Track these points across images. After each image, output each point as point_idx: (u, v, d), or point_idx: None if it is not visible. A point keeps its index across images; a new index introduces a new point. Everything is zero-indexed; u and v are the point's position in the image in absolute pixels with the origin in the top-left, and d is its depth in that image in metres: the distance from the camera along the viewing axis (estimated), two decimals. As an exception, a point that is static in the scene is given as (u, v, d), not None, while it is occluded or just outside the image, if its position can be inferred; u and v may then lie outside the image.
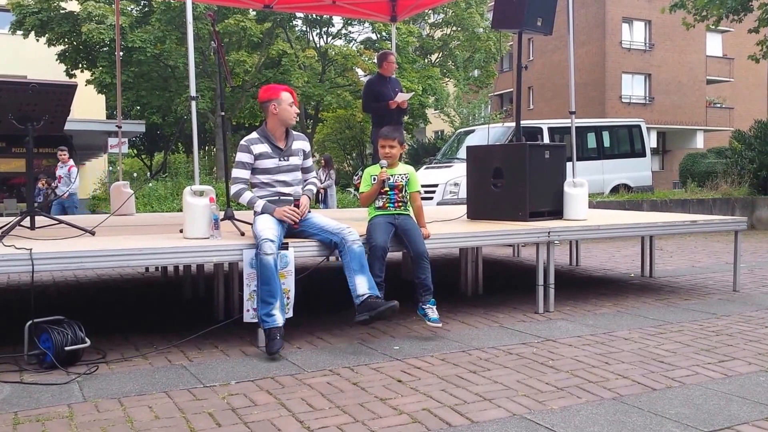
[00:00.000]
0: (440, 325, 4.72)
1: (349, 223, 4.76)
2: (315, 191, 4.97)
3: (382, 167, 4.85)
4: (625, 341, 4.55)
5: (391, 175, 4.86)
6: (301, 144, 4.86)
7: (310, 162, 4.95)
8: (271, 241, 4.26)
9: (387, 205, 4.87)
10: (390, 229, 4.75)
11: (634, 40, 37.53)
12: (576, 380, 3.68)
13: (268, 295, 4.24)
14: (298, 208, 4.64)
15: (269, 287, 4.23)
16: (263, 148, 4.68)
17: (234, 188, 4.69)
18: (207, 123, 27.53)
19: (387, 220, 4.80)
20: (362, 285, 4.45)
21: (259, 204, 4.60)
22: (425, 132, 41.53)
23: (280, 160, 4.70)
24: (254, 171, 4.69)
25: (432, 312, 4.70)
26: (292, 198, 4.73)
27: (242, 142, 4.75)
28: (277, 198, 4.69)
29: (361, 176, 5.14)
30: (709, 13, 18.90)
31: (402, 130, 5.24)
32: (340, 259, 4.63)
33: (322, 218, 4.73)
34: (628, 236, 7.42)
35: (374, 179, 4.87)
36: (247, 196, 4.66)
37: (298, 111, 4.81)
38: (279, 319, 4.24)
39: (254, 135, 4.77)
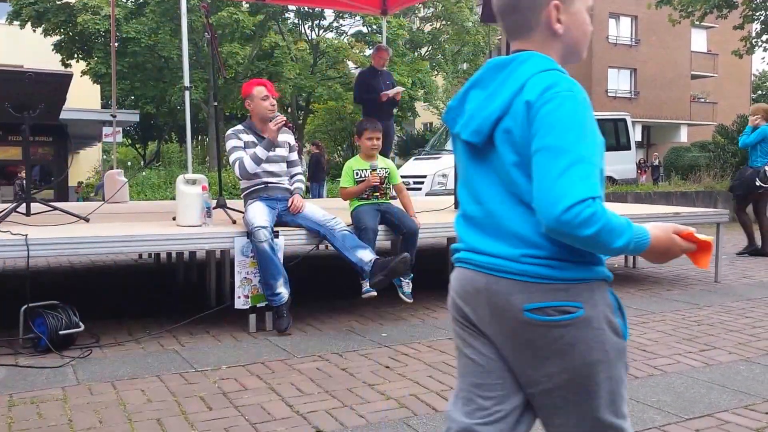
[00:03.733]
0: (411, 300, 4.87)
1: (339, 213, 4.83)
2: (304, 188, 4.98)
3: (373, 169, 4.91)
4: (607, 330, 4.62)
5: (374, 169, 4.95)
6: (285, 137, 4.85)
7: (295, 155, 4.95)
8: (264, 228, 4.32)
9: (371, 196, 4.95)
10: (377, 215, 4.84)
11: (620, 35, 37.62)
12: (559, 366, 3.76)
13: (270, 277, 4.32)
14: (292, 204, 4.68)
15: (269, 269, 4.30)
16: (249, 137, 4.72)
17: (236, 165, 4.63)
18: (200, 113, 27.45)
19: (372, 207, 4.89)
20: (366, 254, 4.53)
21: (259, 149, 4.59)
22: (414, 124, 41.55)
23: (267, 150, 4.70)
24: None
25: (407, 286, 4.88)
26: (279, 186, 4.76)
27: (228, 132, 4.78)
28: (264, 186, 4.72)
29: None
30: (695, 10, 19.03)
31: (378, 122, 5.28)
32: (331, 247, 4.69)
33: (311, 207, 4.77)
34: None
35: (357, 173, 4.92)
36: (247, 159, 4.60)
37: (274, 102, 4.77)
38: (285, 295, 4.35)
39: (239, 126, 4.82)
